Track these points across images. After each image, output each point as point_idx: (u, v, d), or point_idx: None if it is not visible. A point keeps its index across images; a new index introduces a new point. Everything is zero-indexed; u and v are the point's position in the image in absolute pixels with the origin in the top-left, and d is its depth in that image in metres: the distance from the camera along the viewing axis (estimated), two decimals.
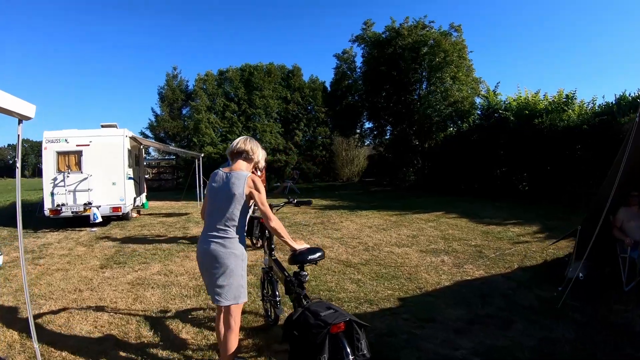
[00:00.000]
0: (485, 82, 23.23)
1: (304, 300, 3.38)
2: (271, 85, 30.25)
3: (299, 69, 32.03)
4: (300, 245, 3.57)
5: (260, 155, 3.63)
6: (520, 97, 18.46)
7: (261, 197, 3.38)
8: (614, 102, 15.53)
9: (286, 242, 3.45)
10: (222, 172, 3.48)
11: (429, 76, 22.70)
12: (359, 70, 26.26)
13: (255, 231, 7.15)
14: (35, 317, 4.99)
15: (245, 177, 3.36)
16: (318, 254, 3.55)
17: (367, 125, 28.50)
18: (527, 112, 17.15)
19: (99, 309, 5.29)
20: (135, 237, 10.31)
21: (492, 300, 5.33)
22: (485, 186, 19.47)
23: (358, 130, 28.86)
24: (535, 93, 18.18)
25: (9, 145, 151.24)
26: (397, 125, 25.75)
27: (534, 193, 16.63)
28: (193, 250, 8.40)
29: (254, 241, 8.47)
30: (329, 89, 31.43)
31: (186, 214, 14.60)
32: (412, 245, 8.76)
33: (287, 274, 3.83)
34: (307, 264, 3.52)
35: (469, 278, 6.32)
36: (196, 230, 10.83)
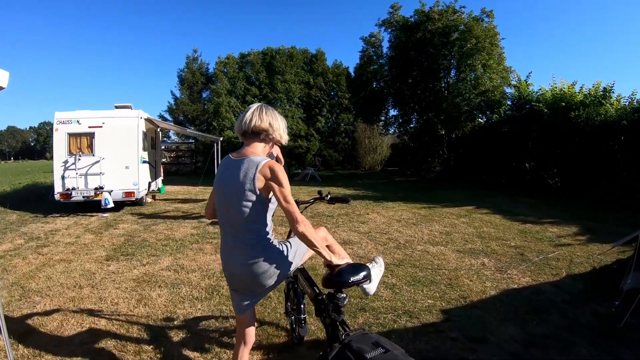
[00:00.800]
0: (515, 72, 22.15)
1: (341, 329, 2.48)
2: (293, 70, 29.35)
3: (322, 53, 31.08)
4: (339, 260, 2.65)
5: (282, 129, 2.75)
6: (556, 87, 17.36)
7: (284, 191, 2.45)
8: None
9: (320, 254, 2.52)
10: (231, 158, 2.64)
11: (459, 63, 21.66)
12: (385, 55, 25.34)
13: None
14: (26, 317, 4.45)
15: (258, 165, 2.48)
16: (362, 274, 2.57)
17: (392, 112, 27.48)
18: (563, 104, 16.11)
19: (98, 311, 4.64)
20: (148, 224, 9.65)
21: (547, 317, 4.63)
22: (515, 180, 18.65)
23: (383, 118, 27.94)
24: (572, 84, 16.99)
25: (30, 127, 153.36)
26: (423, 113, 24.76)
27: (567, 190, 15.71)
28: (208, 242, 7.76)
29: None
30: (352, 74, 30.54)
31: (203, 200, 13.97)
32: (447, 243, 7.97)
33: (317, 291, 2.88)
34: (349, 287, 2.56)
35: (516, 286, 5.59)
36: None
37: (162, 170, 16.30)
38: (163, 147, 30.73)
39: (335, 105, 31.75)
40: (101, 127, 11.54)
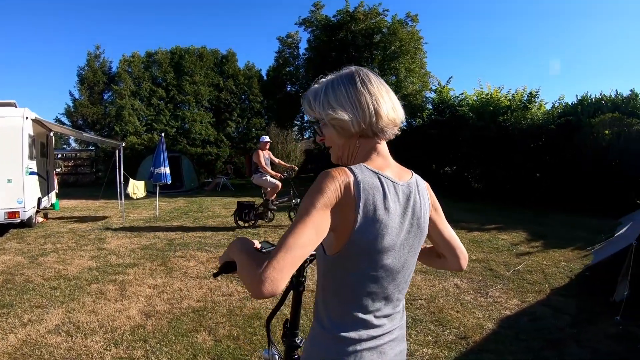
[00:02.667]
0: (435, 77, 22.24)
1: None
2: (203, 71, 27.34)
3: (233, 54, 29.34)
4: None
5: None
6: (482, 92, 17.50)
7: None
8: (574, 103, 15.45)
9: None
10: (395, 181, 1.39)
11: (382, 66, 21.14)
12: (302, 57, 24.27)
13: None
14: None
15: (426, 189, 1.55)
16: None
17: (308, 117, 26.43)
18: (491, 108, 16.35)
19: None
20: (35, 255, 7.29)
21: (565, 349, 4.05)
22: (438, 184, 17.97)
23: (298, 122, 26.83)
24: (499, 88, 17.17)
25: None
26: None
27: (493, 192, 16.02)
28: (110, 281, 5.77)
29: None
30: (265, 77, 29.19)
31: (104, 217, 11.55)
32: None
33: None
34: None
35: (509, 312, 4.90)
36: (115, 242, 8.16)
37: (56, 182, 13.97)
38: (59, 155, 27.66)
39: (246, 110, 30.25)
40: None
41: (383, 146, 1.45)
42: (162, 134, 12.56)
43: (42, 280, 5.81)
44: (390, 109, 1.41)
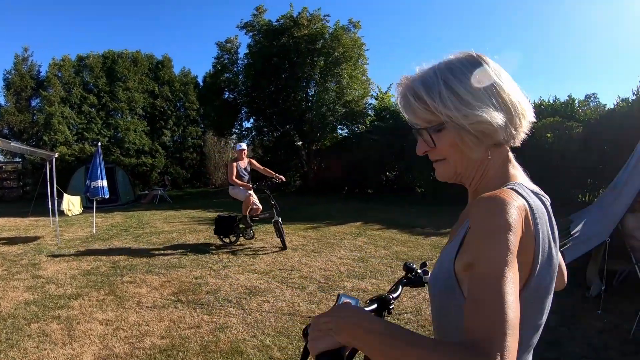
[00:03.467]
0: (374, 83, 22.71)
1: None
2: (137, 76, 26.05)
3: (169, 59, 28.24)
4: None
5: None
6: None
7: None
8: None
9: None
10: (542, 197, 1.08)
11: (325, 72, 20.96)
12: (242, 62, 23.56)
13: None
14: None
15: None
16: None
17: (247, 124, 25.74)
18: None
19: None
20: None
21: (566, 349, 4.12)
22: (381, 189, 19.76)
23: (236, 130, 26.03)
24: None
25: None
26: (283, 124, 23.41)
27: (441, 196, 15.72)
28: (53, 319, 4.93)
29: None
30: (201, 84, 28.38)
31: (36, 238, 10.27)
32: (374, 274, 6.73)
33: None
34: None
35: None
36: (52, 268, 7.21)
37: None
38: None
39: (182, 118, 29.26)
40: None
41: (511, 154, 1.16)
42: (99, 144, 11.62)
43: None
44: (528, 104, 1.12)
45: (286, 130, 23.43)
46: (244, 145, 9.29)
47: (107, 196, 10.84)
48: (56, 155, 10.11)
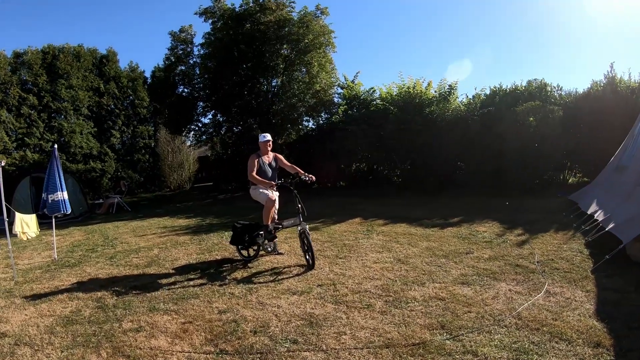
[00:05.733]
0: (337, 71, 21.62)
1: None
2: (80, 73, 23.39)
3: (114, 53, 25.71)
4: None
5: None
6: (404, 85, 17.31)
7: None
8: (487, 94, 16.64)
9: None
10: None
11: (294, 60, 19.60)
12: (196, 52, 21.58)
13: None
14: None
15: None
16: None
17: (205, 120, 23.82)
18: (418, 100, 16.42)
19: None
20: None
21: None
22: (358, 181, 19.62)
23: (195, 127, 23.99)
24: (421, 80, 17.17)
25: None
26: (246, 118, 21.68)
27: (420, 185, 16.21)
28: None
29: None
30: (149, 79, 26.18)
31: None
32: (432, 276, 5.99)
33: None
34: None
35: (592, 306, 4.55)
36: (18, 318, 5.26)
37: None
38: None
39: (131, 117, 26.96)
40: None
41: None
42: (55, 146, 9.52)
43: None
44: None
45: (249, 125, 21.76)
46: (268, 136, 7.48)
47: (69, 211, 8.98)
48: (3, 163, 7.99)
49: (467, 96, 17.56)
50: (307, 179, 7.18)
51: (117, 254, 8.84)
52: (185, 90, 22.71)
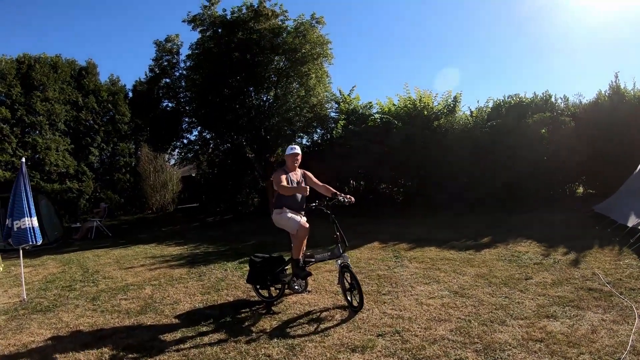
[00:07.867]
0: (331, 85, 20.41)
1: None
2: (57, 85, 21.81)
3: (94, 65, 24.28)
4: None
5: None
6: (410, 98, 16.64)
7: None
8: (489, 106, 16.42)
9: None
10: None
11: (290, 72, 18.32)
12: (182, 64, 20.09)
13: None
14: None
15: None
16: None
17: (191, 136, 22.01)
18: (425, 112, 15.90)
19: None
20: None
21: None
22: (361, 200, 17.40)
23: (180, 144, 22.38)
24: (429, 92, 16.55)
25: None
26: (237, 134, 20.13)
27: (431, 202, 15.60)
28: None
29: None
30: (130, 93, 24.80)
31: None
32: (508, 311, 5.08)
33: None
34: None
35: None
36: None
37: None
38: None
39: (111, 133, 25.38)
40: None
41: None
42: (23, 159, 7.97)
43: None
44: None
45: (239, 142, 20.44)
46: (297, 149, 6.12)
47: (39, 241, 7.44)
48: None
49: (470, 108, 17.23)
50: (345, 201, 5.88)
51: (100, 293, 7.32)
52: (170, 104, 21.19)
